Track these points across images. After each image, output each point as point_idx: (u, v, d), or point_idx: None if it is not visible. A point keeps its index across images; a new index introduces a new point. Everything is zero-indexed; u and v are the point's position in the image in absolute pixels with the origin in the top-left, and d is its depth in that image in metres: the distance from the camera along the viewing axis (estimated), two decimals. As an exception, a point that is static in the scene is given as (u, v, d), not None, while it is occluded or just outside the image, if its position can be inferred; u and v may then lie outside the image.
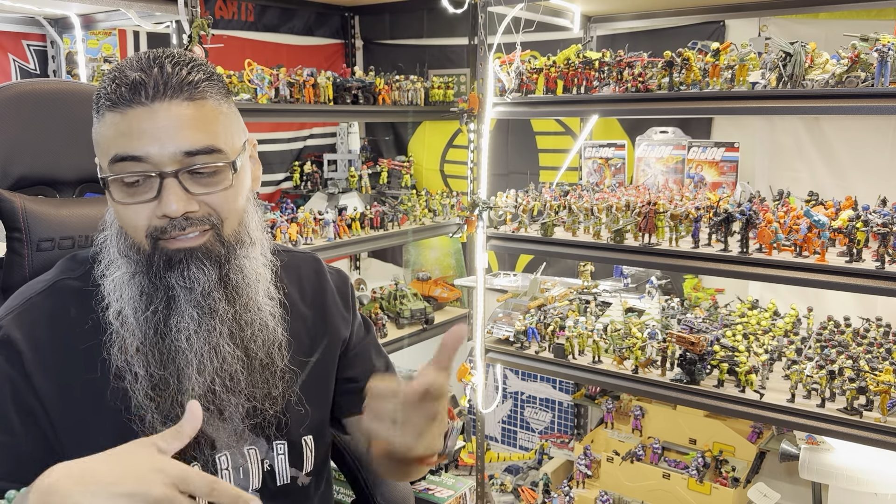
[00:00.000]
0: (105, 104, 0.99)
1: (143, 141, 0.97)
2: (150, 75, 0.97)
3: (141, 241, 1.02)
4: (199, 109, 0.99)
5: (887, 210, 2.07)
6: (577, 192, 2.75)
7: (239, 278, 1.07)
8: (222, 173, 1.02)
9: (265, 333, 1.11)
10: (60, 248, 1.25)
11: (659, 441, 2.83)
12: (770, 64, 2.10)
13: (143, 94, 0.96)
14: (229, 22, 3.51)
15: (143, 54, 1.00)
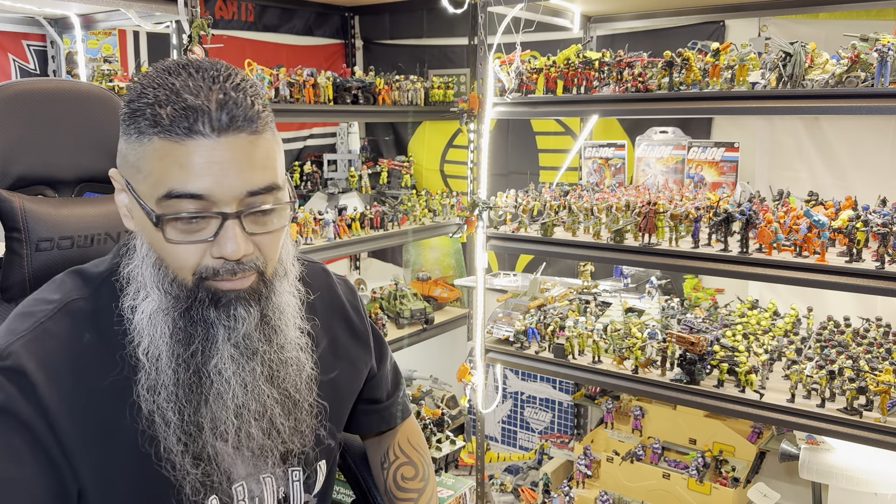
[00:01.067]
0: (153, 129, 0.88)
1: (205, 179, 0.87)
2: (213, 102, 0.88)
3: (185, 278, 0.94)
4: (261, 143, 0.91)
5: (887, 210, 2.07)
6: (577, 192, 2.75)
7: (277, 316, 1.01)
8: (279, 212, 0.95)
9: (297, 369, 1.06)
10: (60, 249, 1.24)
11: (659, 441, 2.83)
12: (770, 64, 2.10)
13: (207, 125, 0.87)
14: (229, 22, 3.51)
15: (198, 73, 0.91)
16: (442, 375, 3.78)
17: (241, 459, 1.03)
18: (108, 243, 1.29)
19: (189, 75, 0.90)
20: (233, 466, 1.03)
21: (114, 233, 1.30)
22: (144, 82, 0.91)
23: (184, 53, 2.33)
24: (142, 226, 0.95)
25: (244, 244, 0.91)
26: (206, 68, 0.92)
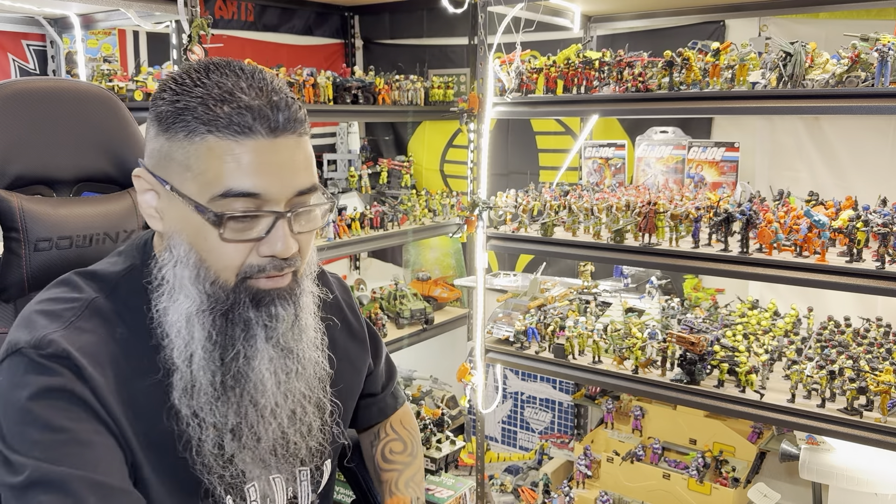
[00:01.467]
0: (206, 127, 0.88)
1: (262, 178, 0.89)
2: (268, 103, 0.89)
3: (228, 279, 0.94)
4: (305, 145, 0.94)
5: (887, 210, 2.06)
6: (577, 192, 2.75)
7: (304, 315, 1.02)
8: (316, 212, 0.98)
9: (317, 369, 1.07)
10: (58, 249, 1.23)
11: (659, 441, 2.83)
12: (770, 64, 2.10)
13: (265, 125, 0.88)
14: (229, 22, 3.51)
15: (244, 74, 0.91)
16: (442, 375, 3.77)
17: (261, 459, 1.03)
18: (106, 243, 1.29)
19: (237, 76, 0.91)
20: (251, 466, 1.02)
21: (112, 233, 1.30)
22: (187, 81, 0.91)
23: (184, 53, 2.33)
24: (182, 225, 0.93)
25: (293, 242, 0.93)
26: (249, 70, 0.93)
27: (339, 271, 4.08)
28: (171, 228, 0.95)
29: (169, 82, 0.94)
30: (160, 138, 0.93)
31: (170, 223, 0.95)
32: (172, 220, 0.95)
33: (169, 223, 0.96)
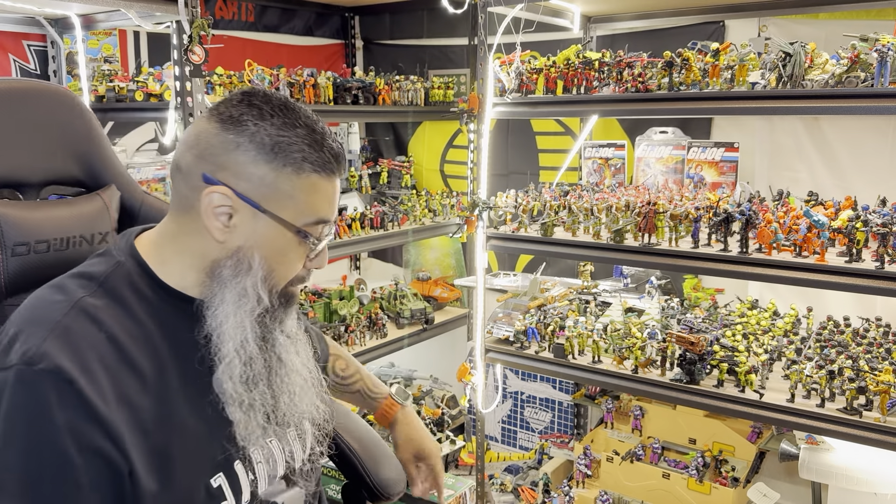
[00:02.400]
0: (311, 167, 1.03)
1: (334, 208, 1.10)
2: (340, 151, 1.09)
3: (281, 286, 1.10)
4: None
5: (887, 210, 2.07)
6: (576, 192, 2.75)
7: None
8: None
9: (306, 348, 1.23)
10: (36, 252, 1.21)
11: (659, 441, 2.84)
12: (770, 64, 2.10)
13: (340, 167, 1.08)
14: (229, 22, 3.51)
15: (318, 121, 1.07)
16: (442, 375, 3.78)
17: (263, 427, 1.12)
18: (83, 246, 1.27)
19: (315, 121, 1.07)
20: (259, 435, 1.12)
21: (88, 235, 1.28)
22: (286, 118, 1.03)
23: (184, 54, 2.33)
24: (261, 242, 1.05)
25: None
26: (314, 117, 1.08)
27: (340, 271, 4.08)
28: (245, 243, 1.05)
29: (266, 113, 1.03)
30: (264, 167, 1.02)
31: (243, 239, 1.05)
32: (248, 236, 1.05)
33: (242, 239, 1.05)
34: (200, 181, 1.02)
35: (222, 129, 1.02)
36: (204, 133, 1.03)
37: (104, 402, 0.95)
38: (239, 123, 1.02)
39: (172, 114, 2.45)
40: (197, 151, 1.03)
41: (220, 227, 1.03)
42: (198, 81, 2.41)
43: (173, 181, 1.08)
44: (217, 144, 1.02)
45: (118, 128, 3.15)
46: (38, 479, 0.91)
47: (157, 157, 3.21)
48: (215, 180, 1.02)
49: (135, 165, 3.07)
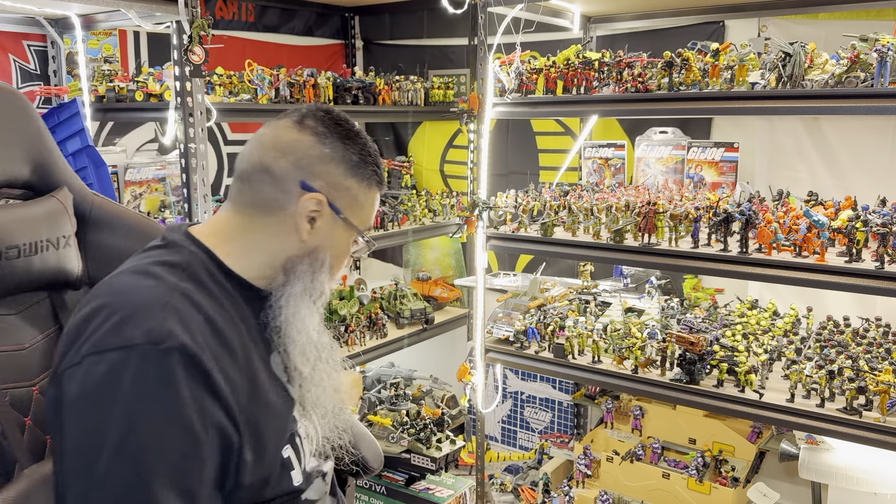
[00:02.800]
0: (375, 181, 1.20)
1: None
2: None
3: (333, 280, 1.23)
4: None
5: (887, 210, 2.07)
6: (576, 192, 2.75)
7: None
8: None
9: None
10: (7, 259, 1.18)
11: (658, 441, 2.84)
12: (769, 64, 2.11)
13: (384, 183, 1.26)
14: (229, 22, 3.51)
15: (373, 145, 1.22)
16: (442, 375, 3.78)
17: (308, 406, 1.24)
18: (49, 250, 1.25)
19: (371, 142, 1.22)
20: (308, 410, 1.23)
21: (54, 239, 1.27)
22: (366, 145, 1.19)
23: (184, 54, 2.33)
24: (333, 243, 1.19)
25: None
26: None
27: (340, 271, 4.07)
28: (321, 243, 1.17)
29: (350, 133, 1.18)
30: (350, 181, 1.17)
31: (319, 239, 1.17)
32: (325, 238, 1.18)
33: (319, 240, 1.17)
34: (296, 186, 1.13)
35: (318, 143, 1.14)
36: (298, 143, 1.13)
37: (220, 378, 1.02)
38: (342, 140, 1.16)
39: (172, 114, 2.45)
40: (293, 159, 1.12)
41: (308, 228, 1.14)
42: (198, 81, 2.41)
43: (253, 183, 1.14)
44: (314, 156, 1.13)
45: (118, 128, 3.15)
46: (167, 454, 0.95)
47: (157, 157, 3.21)
48: (312, 188, 1.13)
49: (135, 165, 3.07)
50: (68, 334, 1.03)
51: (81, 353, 0.97)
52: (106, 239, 1.38)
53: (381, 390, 3.52)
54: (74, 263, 1.32)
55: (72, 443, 0.96)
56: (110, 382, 0.95)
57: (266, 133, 1.16)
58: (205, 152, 2.48)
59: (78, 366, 0.97)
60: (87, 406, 0.96)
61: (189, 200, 2.48)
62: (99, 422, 0.94)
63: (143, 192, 3.11)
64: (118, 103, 2.70)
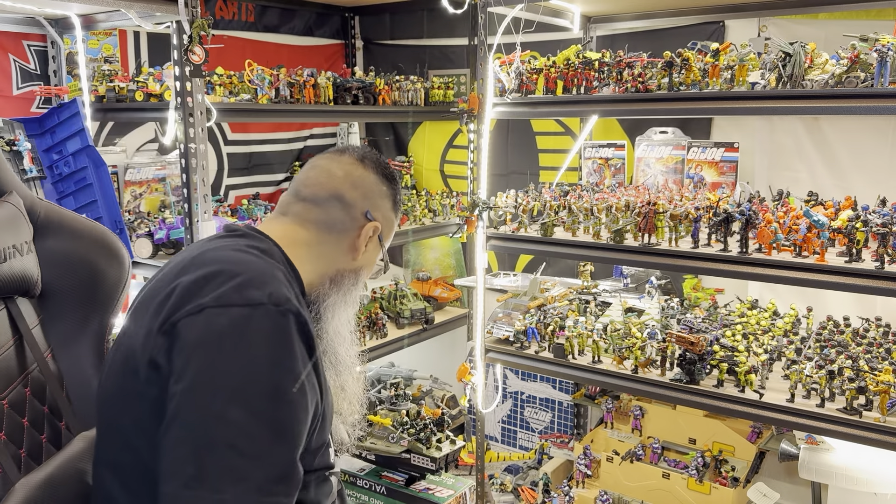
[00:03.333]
0: (399, 215, 1.46)
1: None
2: None
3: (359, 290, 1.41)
4: None
5: (887, 210, 2.07)
6: (576, 192, 2.75)
7: None
8: None
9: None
10: None
11: (659, 441, 2.84)
12: (769, 64, 2.11)
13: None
14: (230, 22, 3.51)
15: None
16: (442, 375, 3.78)
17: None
18: (16, 257, 1.25)
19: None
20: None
21: (19, 244, 1.27)
22: (398, 182, 1.43)
23: (184, 54, 2.33)
24: (369, 262, 1.40)
25: None
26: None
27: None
28: (364, 263, 1.38)
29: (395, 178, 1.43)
30: (391, 214, 1.41)
31: (365, 260, 1.38)
32: (367, 258, 1.39)
33: (364, 260, 1.38)
34: (361, 214, 1.33)
35: (380, 181, 1.37)
36: (367, 179, 1.36)
37: (317, 348, 1.16)
38: (389, 181, 1.40)
39: (172, 114, 2.45)
40: (362, 192, 1.34)
41: (360, 248, 1.34)
42: (198, 81, 2.41)
43: (323, 205, 1.31)
44: (376, 191, 1.36)
45: (118, 128, 3.15)
46: (281, 400, 1.04)
47: (157, 157, 3.21)
48: (373, 217, 1.34)
49: (135, 165, 3.07)
50: (181, 293, 1.09)
51: (202, 305, 1.05)
52: (56, 244, 1.37)
53: (381, 390, 3.52)
54: (35, 270, 1.32)
55: (188, 382, 1.01)
56: (233, 333, 1.03)
57: (335, 167, 1.35)
58: (205, 152, 2.48)
59: (197, 315, 1.05)
60: (209, 350, 1.03)
61: (189, 200, 2.48)
62: (219, 365, 1.02)
63: (143, 192, 3.11)
64: (118, 103, 2.70)
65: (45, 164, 2.60)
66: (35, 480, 1.15)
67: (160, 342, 1.06)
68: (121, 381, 1.13)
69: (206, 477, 0.96)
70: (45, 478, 1.17)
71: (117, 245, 1.43)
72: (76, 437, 1.30)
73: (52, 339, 1.35)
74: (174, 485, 0.98)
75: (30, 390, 1.29)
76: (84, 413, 1.36)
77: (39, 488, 1.14)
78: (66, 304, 1.37)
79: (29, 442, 1.25)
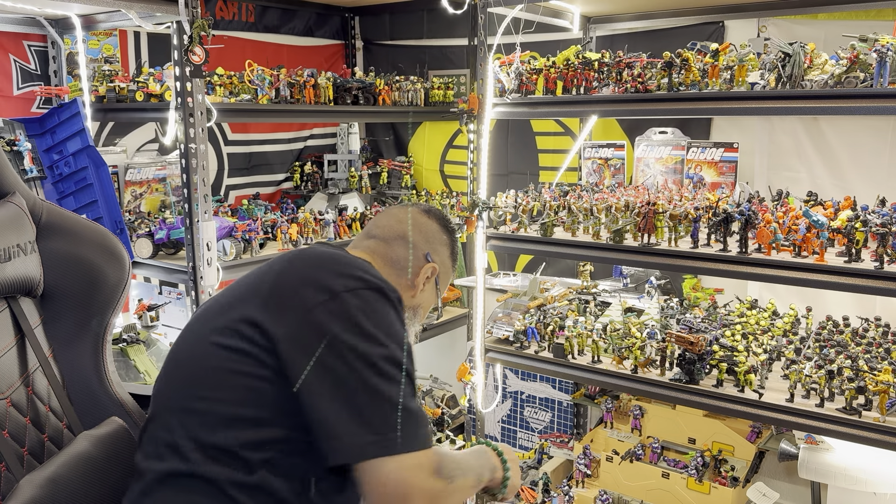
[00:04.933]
0: (455, 265, 1.59)
1: None
2: None
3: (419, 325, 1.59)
4: None
5: (886, 210, 2.07)
6: (576, 192, 2.76)
7: None
8: None
9: None
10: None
11: (658, 440, 2.84)
12: (769, 64, 2.11)
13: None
14: (230, 23, 3.52)
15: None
16: (442, 375, 3.78)
17: None
18: (19, 256, 1.27)
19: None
20: None
21: (23, 243, 1.28)
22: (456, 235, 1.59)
23: (185, 54, 2.34)
24: (426, 302, 1.54)
25: None
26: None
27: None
28: (421, 301, 1.53)
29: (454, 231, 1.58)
30: (448, 261, 1.56)
31: (422, 298, 1.52)
32: (424, 298, 1.53)
33: (420, 299, 1.52)
34: (423, 255, 1.49)
35: (441, 231, 1.54)
36: (430, 227, 1.53)
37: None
38: (450, 233, 1.56)
39: (173, 114, 2.46)
40: (425, 237, 1.51)
41: (421, 288, 1.50)
42: (198, 82, 2.41)
43: (392, 244, 1.47)
44: (437, 239, 1.53)
45: (118, 128, 3.16)
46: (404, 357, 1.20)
47: (157, 157, 3.21)
48: (433, 260, 1.50)
49: (135, 166, 3.08)
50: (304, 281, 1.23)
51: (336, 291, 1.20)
52: (57, 245, 1.38)
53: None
54: (37, 270, 1.33)
55: (336, 349, 1.17)
56: (366, 307, 1.21)
57: (403, 214, 1.52)
58: (205, 152, 2.48)
59: (335, 299, 1.20)
60: (352, 323, 1.19)
61: (189, 200, 2.48)
62: (365, 330, 1.19)
63: (143, 192, 3.12)
64: (118, 103, 2.70)
65: (46, 164, 2.60)
66: (39, 478, 1.16)
67: (314, 318, 1.18)
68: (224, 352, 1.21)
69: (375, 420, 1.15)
70: (49, 476, 1.17)
71: (118, 247, 1.44)
72: (78, 436, 1.31)
73: (54, 340, 1.36)
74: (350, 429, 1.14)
75: (31, 389, 1.30)
76: (84, 413, 1.37)
77: (44, 486, 1.15)
78: (66, 305, 1.38)
79: (31, 441, 1.26)
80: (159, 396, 1.29)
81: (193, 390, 1.21)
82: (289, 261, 1.30)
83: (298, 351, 1.16)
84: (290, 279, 1.24)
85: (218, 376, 1.19)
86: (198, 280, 2.51)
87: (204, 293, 2.53)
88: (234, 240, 2.69)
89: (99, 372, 1.40)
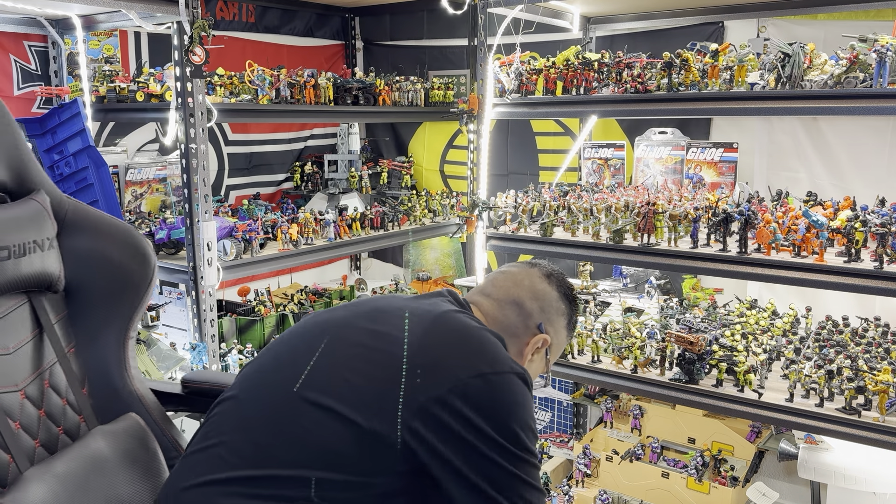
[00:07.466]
0: (573, 334, 1.53)
1: None
2: None
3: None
4: None
5: (886, 210, 2.07)
6: (576, 192, 2.76)
7: None
8: None
9: None
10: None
11: (658, 440, 2.84)
12: (769, 65, 2.11)
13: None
14: (230, 23, 3.52)
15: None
16: (442, 375, 3.78)
17: None
18: (36, 252, 1.28)
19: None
20: None
21: (40, 240, 1.29)
22: (577, 304, 1.49)
23: (185, 54, 2.34)
24: (535, 369, 1.45)
25: None
26: None
27: (340, 271, 4.09)
28: (530, 370, 1.39)
29: (575, 300, 1.48)
30: (564, 332, 1.46)
31: (531, 367, 1.43)
32: (533, 367, 1.44)
33: (529, 367, 1.42)
34: (535, 324, 1.40)
35: (560, 299, 1.43)
36: (548, 294, 1.42)
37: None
38: (570, 301, 1.45)
39: (173, 114, 2.46)
40: (540, 305, 1.40)
41: (528, 357, 1.42)
42: (198, 82, 2.42)
43: (505, 308, 1.39)
44: (554, 308, 1.42)
45: (119, 128, 3.16)
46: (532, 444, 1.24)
47: (157, 158, 3.22)
48: (545, 330, 1.40)
49: (136, 166, 3.08)
50: (443, 351, 1.23)
51: (480, 371, 1.23)
52: (82, 242, 1.39)
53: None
54: (57, 266, 1.34)
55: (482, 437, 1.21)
56: (509, 391, 1.28)
57: (522, 276, 1.43)
58: (205, 153, 2.49)
59: (482, 377, 1.23)
60: (496, 409, 1.25)
61: (189, 200, 2.49)
62: (506, 418, 1.26)
63: (143, 192, 3.12)
64: (119, 104, 2.70)
65: (46, 164, 2.60)
66: (51, 471, 1.17)
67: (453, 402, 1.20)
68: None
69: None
70: (54, 470, 1.18)
71: (144, 244, 1.44)
72: (92, 431, 1.31)
73: (77, 334, 1.38)
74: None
75: (48, 382, 1.30)
76: (103, 407, 1.37)
77: (55, 478, 1.16)
78: (91, 301, 1.39)
79: (45, 434, 1.27)
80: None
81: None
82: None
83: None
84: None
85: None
86: (198, 280, 2.52)
87: (204, 293, 2.54)
88: (234, 240, 2.69)
89: (121, 367, 1.41)
